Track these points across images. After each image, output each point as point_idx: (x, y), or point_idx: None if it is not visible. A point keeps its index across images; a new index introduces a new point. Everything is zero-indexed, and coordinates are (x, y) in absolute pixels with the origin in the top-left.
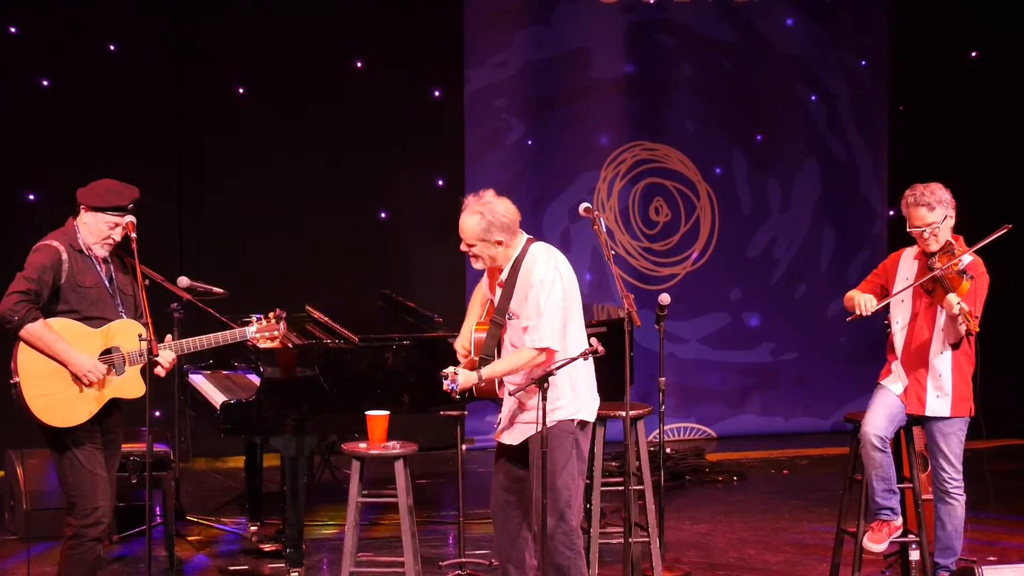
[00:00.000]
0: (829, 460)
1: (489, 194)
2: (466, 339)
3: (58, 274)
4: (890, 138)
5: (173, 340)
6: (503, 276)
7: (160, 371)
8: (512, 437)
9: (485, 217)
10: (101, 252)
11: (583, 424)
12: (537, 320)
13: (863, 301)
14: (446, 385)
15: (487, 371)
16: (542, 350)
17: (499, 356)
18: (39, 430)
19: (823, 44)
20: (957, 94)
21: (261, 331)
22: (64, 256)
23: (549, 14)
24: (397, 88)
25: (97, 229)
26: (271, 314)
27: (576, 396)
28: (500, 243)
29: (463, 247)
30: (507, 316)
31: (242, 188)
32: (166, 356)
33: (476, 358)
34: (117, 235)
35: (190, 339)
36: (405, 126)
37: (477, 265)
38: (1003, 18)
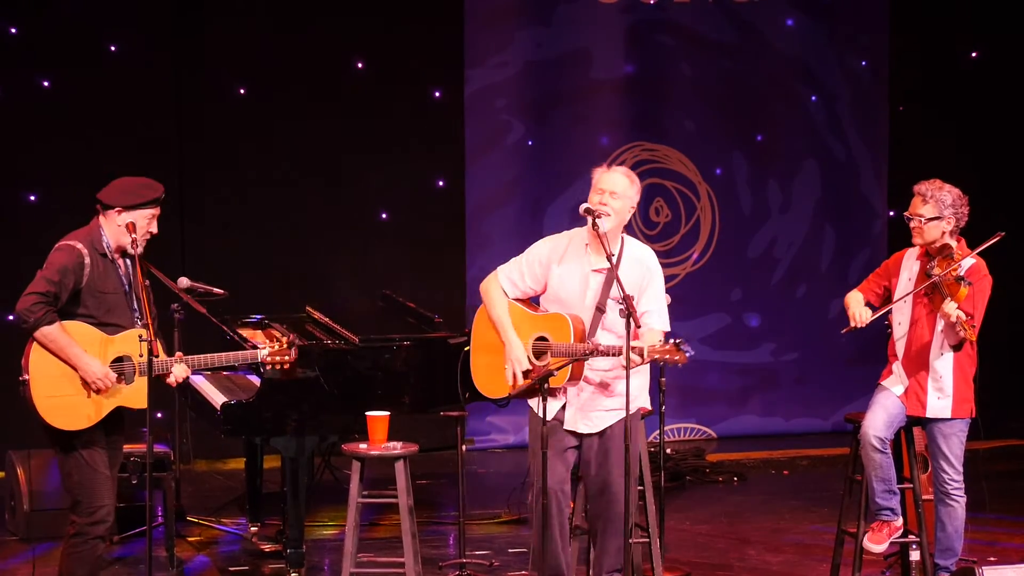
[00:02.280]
0: (829, 460)
1: None
2: (523, 353)
3: (79, 277)
4: (890, 138)
5: (180, 350)
6: (605, 263)
7: (172, 381)
8: (589, 425)
9: (635, 182)
10: (138, 250)
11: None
12: (659, 306)
13: (858, 313)
14: (687, 348)
15: (647, 346)
16: (665, 333)
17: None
18: (42, 429)
19: (823, 44)
20: (957, 94)
21: (272, 355)
22: (87, 260)
23: (549, 14)
24: (397, 88)
25: (138, 227)
26: (284, 340)
27: (644, 386)
28: (633, 209)
29: (600, 198)
30: (615, 301)
31: (242, 189)
32: (179, 370)
33: (538, 365)
34: (154, 227)
35: (202, 356)
36: (405, 126)
37: (605, 224)
38: (1002, 18)
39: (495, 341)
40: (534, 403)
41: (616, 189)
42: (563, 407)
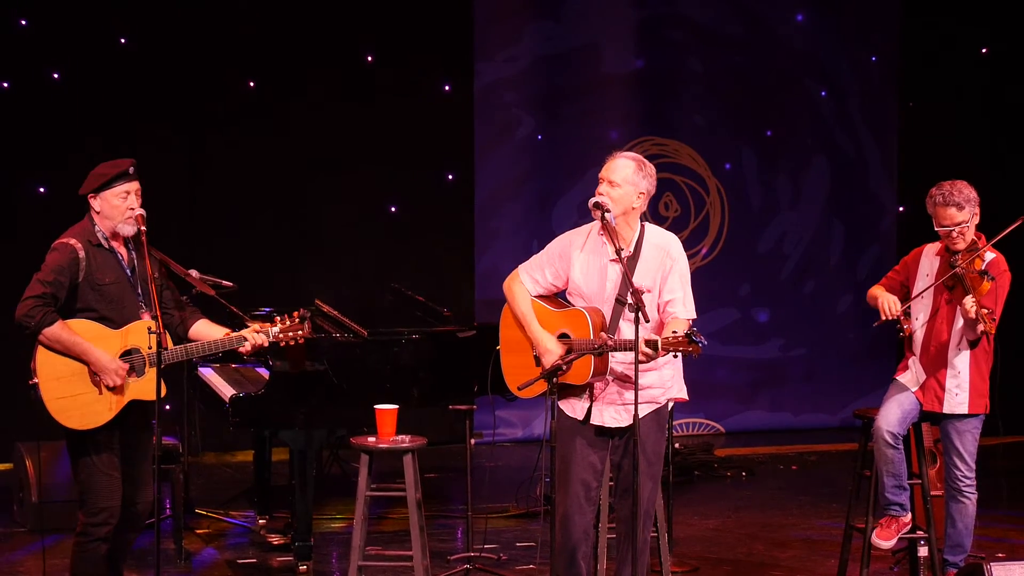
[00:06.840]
0: (838, 456)
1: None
2: (552, 343)
3: (75, 273)
4: (900, 134)
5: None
6: (624, 253)
7: (246, 349)
8: (618, 418)
9: (644, 167)
10: (129, 230)
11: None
12: (684, 293)
13: (887, 303)
14: (700, 339)
15: (660, 338)
16: (690, 320)
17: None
18: (59, 425)
19: (833, 40)
20: (967, 90)
21: (284, 331)
22: (81, 255)
23: (559, 9)
24: (407, 82)
25: (112, 207)
26: (295, 314)
27: (679, 375)
28: (642, 196)
29: (601, 188)
30: (637, 291)
31: (252, 181)
32: (257, 337)
33: (562, 354)
34: (133, 202)
35: (211, 340)
36: (415, 120)
37: (601, 200)
38: (1012, 13)
39: (521, 338)
40: (564, 405)
41: (615, 177)
42: (590, 407)
